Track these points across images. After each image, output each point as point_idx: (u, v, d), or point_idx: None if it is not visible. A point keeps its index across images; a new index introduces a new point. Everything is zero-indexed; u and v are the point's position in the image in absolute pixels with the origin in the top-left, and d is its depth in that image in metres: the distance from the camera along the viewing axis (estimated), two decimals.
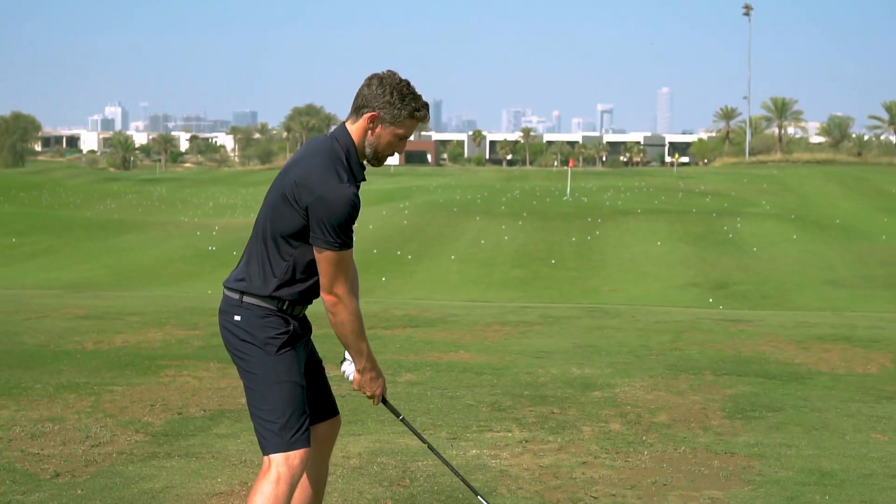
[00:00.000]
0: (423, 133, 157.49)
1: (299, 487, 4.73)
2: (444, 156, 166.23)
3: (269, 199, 4.44)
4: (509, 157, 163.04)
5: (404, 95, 4.39)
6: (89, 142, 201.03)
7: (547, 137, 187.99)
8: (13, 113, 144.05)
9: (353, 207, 4.25)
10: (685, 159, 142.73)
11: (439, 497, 6.16)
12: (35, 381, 9.33)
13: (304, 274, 4.43)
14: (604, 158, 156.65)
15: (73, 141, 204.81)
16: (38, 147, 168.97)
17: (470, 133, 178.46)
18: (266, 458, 4.40)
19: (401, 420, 4.86)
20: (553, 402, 8.93)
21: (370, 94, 4.39)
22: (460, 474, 5.12)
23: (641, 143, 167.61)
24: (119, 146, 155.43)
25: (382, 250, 38.99)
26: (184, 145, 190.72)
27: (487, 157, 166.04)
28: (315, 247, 4.30)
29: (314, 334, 4.79)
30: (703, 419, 8.34)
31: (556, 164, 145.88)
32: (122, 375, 9.80)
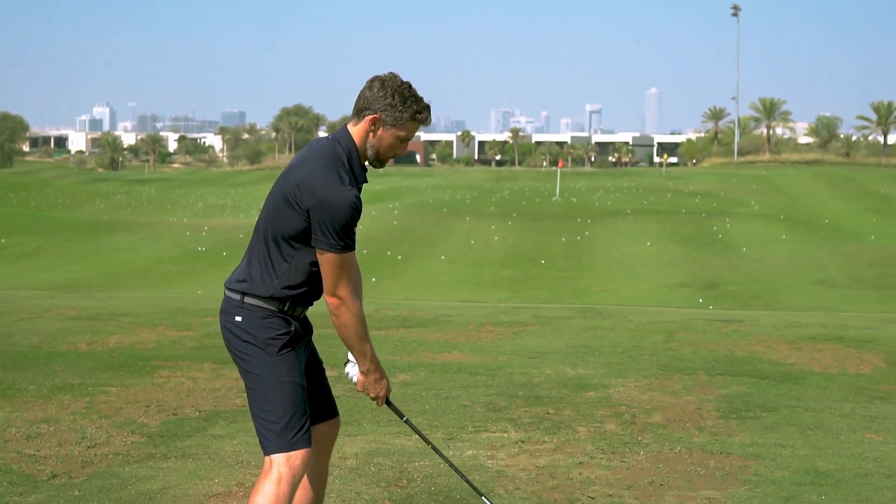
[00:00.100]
0: None
1: (300, 488, 4.75)
2: (433, 156, 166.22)
3: (271, 200, 4.44)
4: (498, 157, 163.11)
5: (406, 98, 4.40)
6: (77, 142, 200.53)
7: (536, 138, 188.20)
8: (1, 113, 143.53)
9: (354, 210, 4.26)
10: (674, 160, 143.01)
11: (437, 497, 6.17)
12: (29, 382, 9.30)
13: (305, 275, 4.44)
14: (592, 159, 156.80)
15: (62, 141, 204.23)
16: (25, 147, 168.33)
17: (459, 133, 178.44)
18: (267, 458, 4.41)
19: (404, 421, 4.86)
20: (548, 402, 8.94)
21: (372, 96, 4.40)
22: (464, 475, 5.13)
23: (630, 143, 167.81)
24: (107, 146, 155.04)
25: (372, 251, 38.97)
26: (172, 146, 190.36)
27: (476, 157, 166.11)
28: (317, 249, 4.31)
29: (314, 335, 4.81)
30: (697, 419, 8.36)
31: (544, 164, 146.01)
32: (116, 376, 9.77)
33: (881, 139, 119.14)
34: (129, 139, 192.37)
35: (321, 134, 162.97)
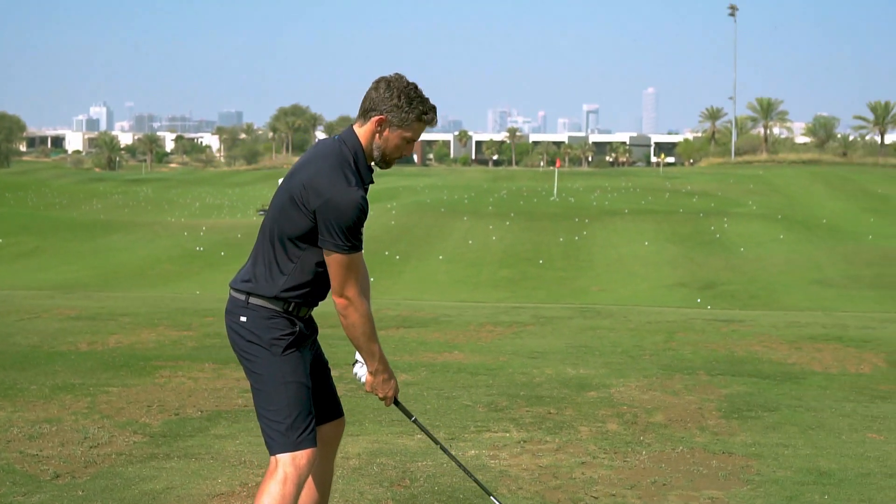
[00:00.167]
0: None
1: (305, 488, 4.74)
2: (430, 156, 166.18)
3: (277, 201, 4.44)
4: (495, 157, 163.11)
5: (412, 99, 4.39)
6: (74, 142, 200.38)
7: (533, 138, 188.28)
8: None
9: (361, 211, 4.26)
10: (671, 159, 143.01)
11: (440, 497, 6.17)
12: (30, 383, 9.30)
13: (310, 276, 4.44)
14: (589, 159, 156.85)
15: (58, 141, 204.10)
16: (22, 147, 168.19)
17: (456, 133, 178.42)
18: (273, 458, 4.40)
19: (413, 421, 4.86)
20: (549, 402, 8.94)
21: (378, 97, 4.40)
22: (472, 475, 5.13)
23: (627, 143, 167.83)
24: (104, 146, 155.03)
25: (370, 251, 38.78)
26: (169, 145, 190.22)
27: (473, 157, 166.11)
28: (325, 250, 4.31)
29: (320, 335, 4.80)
30: (699, 419, 8.37)
31: (542, 164, 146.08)
32: (117, 376, 9.77)
33: (878, 139, 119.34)
34: (126, 139, 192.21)
35: (318, 134, 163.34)
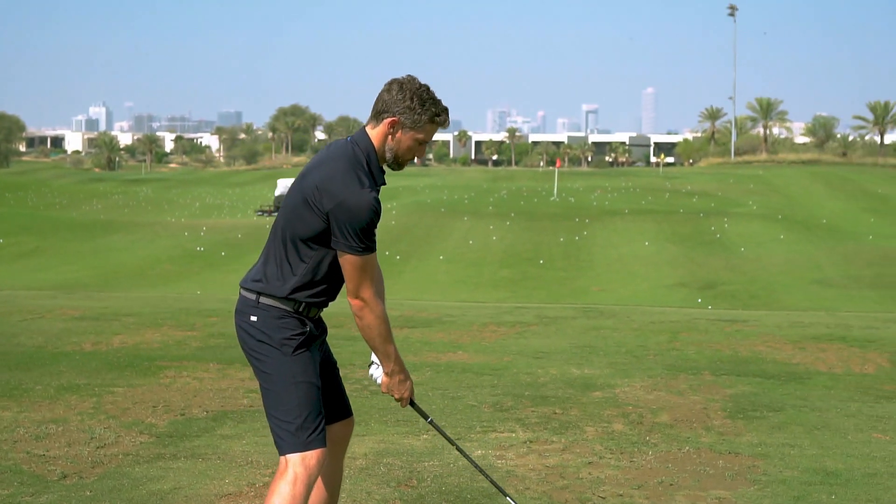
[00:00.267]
0: None
1: (314, 488, 4.74)
2: (430, 156, 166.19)
3: (289, 202, 4.44)
4: (495, 157, 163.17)
5: (424, 101, 4.40)
6: (74, 142, 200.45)
7: (532, 138, 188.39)
8: None
9: (374, 212, 4.26)
10: (670, 159, 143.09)
11: (448, 497, 6.18)
12: (35, 383, 9.30)
13: (321, 277, 4.44)
14: (589, 159, 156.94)
15: (58, 141, 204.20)
16: (22, 147, 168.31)
17: (455, 133, 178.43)
18: (283, 458, 4.40)
19: (429, 422, 4.86)
20: (555, 402, 8.94)
21: (390, 99, 4.40)
22: (488, 475, 5.14)
23: (627, 143, 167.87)
24: (104, 146, 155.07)
25: None
26: (169, 146, 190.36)
27: (473, 157, 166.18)
28: (339, 251, 4.31)
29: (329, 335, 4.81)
30: (704, 419, 8.37)
31: (541, 164, 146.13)
32: (122, 377, 9.77)
33: (878, 139, 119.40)
34: (125, 139, 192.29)
35: (318, 134, 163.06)
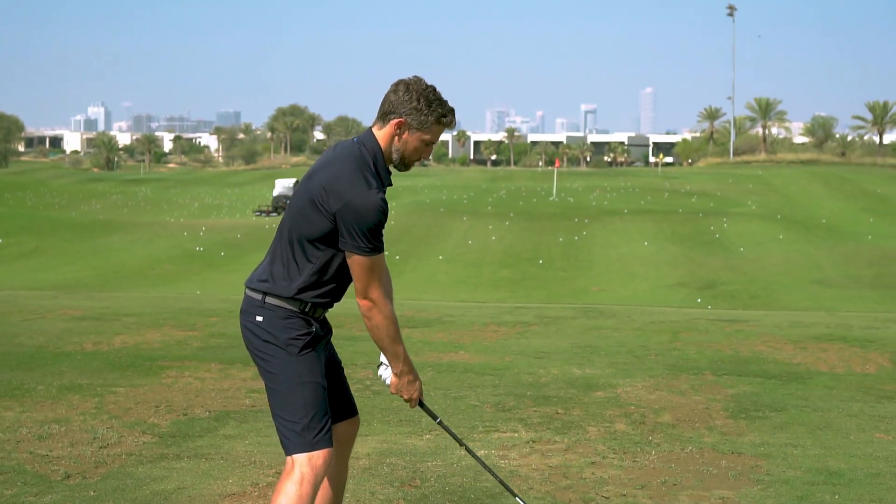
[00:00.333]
0: None
1: (320, 488, 4.74)
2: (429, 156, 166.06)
3: (296, 202, 4.44)
4: (493, 157, 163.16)
5: (431, 101, 4.39)
6: (72, 142, 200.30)
7: (531, 138, 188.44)
8: None
9: (381, 213, 4.26)
10: (669, 159, 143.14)
11: (451, 497, 6.17)
12: (37, 383, 9.29)
13: (327, 277, 4.44)
14: (588, 159, 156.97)
15: (57, 141, 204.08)
16: (21, 147, 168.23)
17: (454, 133, 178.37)
18: (289, 458, 4.40)
19: (438, 423, 4.87)
20: (557, 402, 8.95)
21: (397, 100, 4.40)
22: (497, 475, 5.14)
23: (625, 143, 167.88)
24: (103, 146, 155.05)
25: None
26: (167, 145, 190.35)
27: (472, 157, 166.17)
28: (346, 252, 4.31)
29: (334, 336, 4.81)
30: (706, 419, 8.37)
31: (540, 164, 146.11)
32: (123, 377, 9.77)
33: (877, 139, 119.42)
34: (124, 139, 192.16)
35: (317, 134, 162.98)
